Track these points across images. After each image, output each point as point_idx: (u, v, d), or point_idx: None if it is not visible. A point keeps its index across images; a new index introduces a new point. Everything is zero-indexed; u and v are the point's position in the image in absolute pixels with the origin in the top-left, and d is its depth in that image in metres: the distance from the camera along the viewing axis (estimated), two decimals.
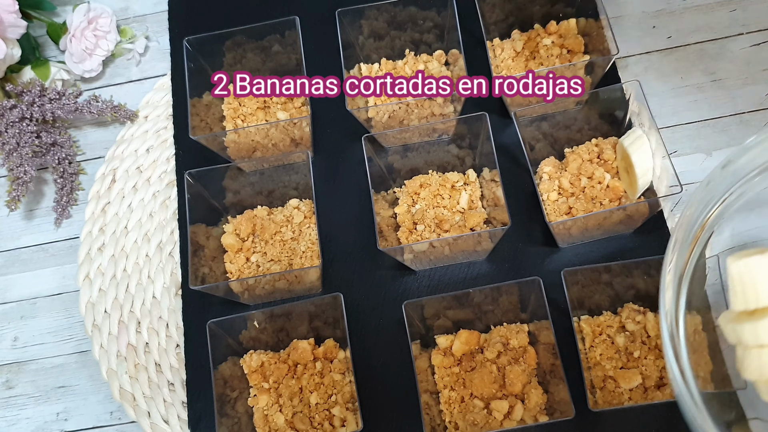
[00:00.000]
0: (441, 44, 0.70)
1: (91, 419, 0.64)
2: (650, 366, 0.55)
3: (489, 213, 0.62)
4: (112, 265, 0.68)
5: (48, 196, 0.74)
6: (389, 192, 0.65)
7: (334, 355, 0.60)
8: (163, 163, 0.72)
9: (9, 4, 0.68)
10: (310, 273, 0.61)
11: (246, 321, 0.59)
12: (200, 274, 0.60)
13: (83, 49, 0.74)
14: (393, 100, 0.67)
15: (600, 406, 0.54)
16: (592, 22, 0.66)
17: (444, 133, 0.66)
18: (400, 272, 0.64)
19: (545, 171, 0.63)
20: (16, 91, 0.72)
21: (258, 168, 0.67)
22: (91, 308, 0.67)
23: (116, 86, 0.78)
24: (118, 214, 0.70)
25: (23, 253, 0.71)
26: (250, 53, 0.70)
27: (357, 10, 0.67)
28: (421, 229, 0.62)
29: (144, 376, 0.64)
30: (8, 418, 0.65)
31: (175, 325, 0.65)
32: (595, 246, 0.63)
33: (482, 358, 0.57)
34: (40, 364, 0.67)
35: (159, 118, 0.74)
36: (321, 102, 0.71)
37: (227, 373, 0.59)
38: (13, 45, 0.71)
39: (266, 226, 0.64)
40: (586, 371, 0.55)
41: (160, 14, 0.80)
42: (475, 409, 0.55)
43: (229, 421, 0.57)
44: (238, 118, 0.69)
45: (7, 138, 0.69)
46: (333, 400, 0.58)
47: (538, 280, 0.55)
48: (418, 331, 0.58)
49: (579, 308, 0.59)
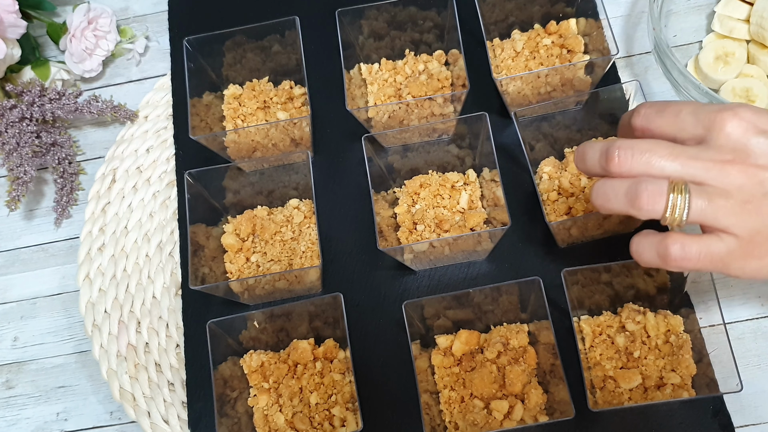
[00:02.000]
0: (441, 44, 0.70)
1: (91, 419, 0.64)
2: (650, 366, 0.55)
3: (489, 213, 0.62)
4: (112, 265, 0.68)
5: (48, 196, 0.74)
6: (389, 192, 0.65)
7: (334, 355, 0.60)
8: (163, 163, 0.72)
9: (9, 4, 0.68)
10: (310, 273, 0.61)
11: (246, 321, 0.59)
12: (200, 274, 0.60)
13: (83, 49, 0.74)
14: (393, 100, 0.67)
15: (600, 406, 0.54)
16: (592, 22, 0.66)
17: (444, 133, 0.66)
18: (400, 272, 0.64)
19: (545, 171, 0.63)
20: (16, 91, 0.72)
21: (258, 168, 0.67)
22: (91, 308, 0.67)
23: (116, 86, 0.78)
24: (118, 214, 0.70)
25: (23, 253, 0.71)
26: (250, 53, 0.70)
27: (357, 10, 0.67)
28: (421, 229, 0.62)
29: (144, 376, 0.64)
30: (8, 418, 0.65)
31: (175, 325, 0.65)
32: (595, 246, 0.63)
33: (482, 358, 0.57)
34: (40, 364, 0.67)
35: (159, 118, 0.74)
36: (321, 102, 0.71)
37: (227, 373, 0.59)
38: (13, 45, 0.71)
39: (266, 226, 0.64)
40: (586, 371, 0.55)
41: (160, 14, 0.80)
42: (475, 409, 0.55)
43: (229, 421, 0.57)
44: (238, 118, 0.69)
45: (7, 138, 0.69)
46: (333, 400, 0.58)
47: (538, 280, 0.55)
48: (418, 331, 0.58)
49: (579, 308, 0.59)
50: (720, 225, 0.43)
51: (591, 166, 0.46)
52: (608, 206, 0.45)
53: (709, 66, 0.65)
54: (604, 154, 0.45)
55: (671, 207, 0.42)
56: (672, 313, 0.58)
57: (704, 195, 0.42)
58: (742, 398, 0.57)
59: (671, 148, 0.43)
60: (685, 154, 0.43)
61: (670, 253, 0.43)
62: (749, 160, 0.42)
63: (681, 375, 0.55)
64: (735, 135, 0.43)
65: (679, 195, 0.42)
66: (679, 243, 0.43)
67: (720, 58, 0.64)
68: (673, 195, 0.42)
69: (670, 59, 0.62)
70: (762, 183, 0.42)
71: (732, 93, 0.63)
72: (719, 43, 0.66)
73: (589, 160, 0.46)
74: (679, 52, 0.69)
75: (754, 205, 0.42)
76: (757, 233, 0.43)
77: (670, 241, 0.43)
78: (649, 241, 0.45)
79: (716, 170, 0.42)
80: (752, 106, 0.44)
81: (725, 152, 0.43)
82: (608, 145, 0.45)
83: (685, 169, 0.43)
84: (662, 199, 0.42)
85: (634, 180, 0.44)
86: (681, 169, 0.43)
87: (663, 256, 0.44)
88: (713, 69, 0.64)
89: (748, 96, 0.63)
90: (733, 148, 0.43)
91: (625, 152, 0.44)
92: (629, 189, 0.44)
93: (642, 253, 0.45)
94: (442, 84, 0.67)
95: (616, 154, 0.44)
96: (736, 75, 0.64)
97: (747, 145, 0.43)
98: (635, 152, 0.43)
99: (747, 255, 0.44)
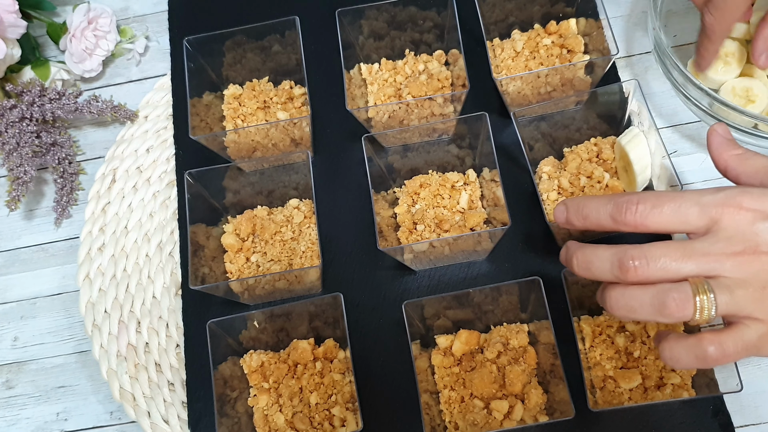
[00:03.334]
0: (441, 44, 0.70)
1: (91, 419, 0.64)
2: (650, 366, 0.55)
3: (489, 213, 0.62)
4: (112, 265, 0.68)
5: (48, 196, 0.74)
6: (389, 192, 0.65)
7: (334, 355, 0.60)
8: (163, 163, 0.72)
9: (9, 4, 0.68)
10: (310, 273, 0.61)
11: (246, 321, 0.59)
12: (200, 274, 0.60)
13: (83, 49, 0.74)
14: (393, 100, 0.67)
15: (600, 406, 0.54)
16: (592, 22, 0.66)
17: (444, 133, 0.66)
18: (400, 272, 0.64)
19: (545, 171, 0.63)
20: (16, 91, 0.72)
21: (258, 168, 0.67)
22: (91, 308, 0.67)
23: (116, 86, 0.78)
24: (118, 214, 0.70)
25: (23, 253, 0.71)
26: (250, 53, 0.70)
27: (357, 10, 0.67)
28: (421, 229, 0.62)
29: (144, 376, 0.64)
30: (8, 418, 0.65)
31: (175, 325, 0.65)
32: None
33: (482, 358, 0.57)
34: (40, 364, 0.67)
35: (159, 118, 0.74)
36: (321, 102, 0.71)
37: (227, 373, 0.59)
38: (13, 45, 0.71)
39: (266, 226, 0.64)
40: (586, 371, 0.55)
41: (160, 14, 0.80)
42: (475, 409, 0.55)
43: (229, 421, 0.57)
44: (238, 118, 0.69)
45: (7, 138, 0.69)
46: (333, 400, 0.58)
47: (538, 280, 0.55)
48: (418, 331, 0.58)
49: (579, 308, 0.59)
50: (744, 313, 0.43)
51: (600, 275, 0.46)
52: (633, 317, 0.45)
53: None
54: (617, 265, 0.45)
55: (699, 309, 0.43)
56: None
57: (725, 290, 0.43)
58: (742, 398, 0.57)
59: (683, 249, 0.44)
60: (698, 252, 0.44)
61: (709, 355, 0.44)
62: (760, 249, 0.43)
63: (681, 375, 0.55)
64: (742, 226, 0.43)
65: (705, 296, 0.43)
66: (716, 343, 0.44)
67: (720, 58, 0.64)
68: (699, 297, 0.43)
69: (670, 59, 0.62)
70: None
71: (732, 93, 0.63)
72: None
73: (597, 269, 0.46)
74: (679, 52, 0.69)
75: None
76: None
77: (706, 343, 0.44)
78: (684, 346, 0.45)
79: (730, 263, 0.43)
80: (753, 190, 0.45)
81: (735, 244, 0.43)
82: (619, 255, 0.45)
83: (701, 266, 0.43)
84: (690, 304, 0.43)
85: (657, 289, 0.44)
86: (696, 268, 0.43)
87: (702, 359, 0.44)
88: (713, 69, 0.64)
89: (748, 96, 0.63)
90: (743, 239, 0.43)
91: (641, 262, 0.44)
92: (654, 299, 0.44)
93: (679, 359, 0.45)
94: (442, 84, 0.67)
95: (631, 264, 0.44)
96: (736, 75, 0.64)
97: (755, 233, 0.43)
98: (650, 260, 0.44)
99: None
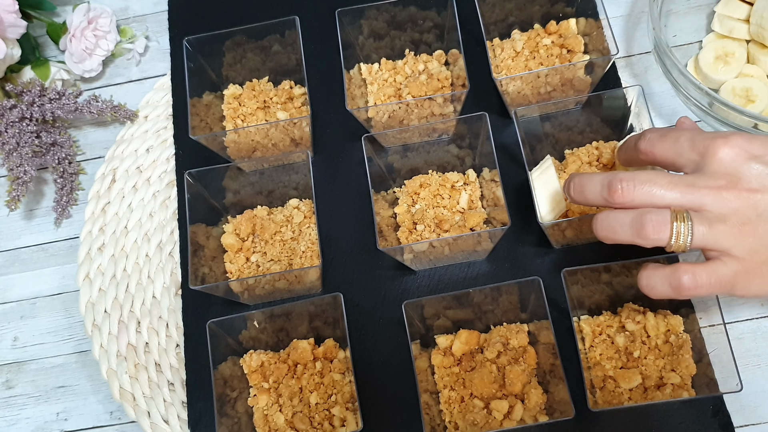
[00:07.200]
0: (441, 44, 0.70)
1: (91, 419, 0.64)
2: (650, 366, 0.55)
3: (489, 213, 0.62)
4: (112, 265, 0.68)
5: (48, 196, 0.74)
6: (389, 192, 0.65)
7: (334, 355, 0.60)
8: (163, 163, 0.72)
9: (9, 4, 0.68)
10: (310, 273, 0.61)
11: (246, 321, 0.59)
12: (200, 274, 0.60)
13: (83, 49, 0.74)
14: (393, 100, 0.67)
15: (600, 406, 0.54)
16: (592, 22, 0.66)
17: (444, 133, 0.66)
18: (400, 272, 0.64)
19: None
20: (16, 91, 0.72)
21: (258, 168, 0.67)
22: (91, 308, 0.67)
23: (116, 86, 0.78)
24: (118, 214, 0.70)
25: (23, 253, 0.71)
26: (250, 53, 0.70)
27: (357, 10, 0.67)
28: (421, 229, 0.62)
29: (144, 376, 0.64)
30: (8, 418, 0.65)
31: (175, 325, 0.65)
32: (595, 246, 0.63)
33: (482, 358, 0.57)
34: (40, 364, 0.67)
35: (159, 118, 0.74)
36: (321, 102, 0.71)
37: (227, 373, 0.59)
38: (13, 45, 0.71)
39: (266, 226, 0.64)
40: (586, 371, 0.55)
41: (160, 14, 0.80)
42: (475, 409, 0.55)
43: (229, 421, 0.57)
44: (238, 118, 0.69)
45: (7, 138, 0.69)
46: (333, 400, 0.58)
47: (538, 280, 0.55)
48: (418, 331, 0.58)
49: (579, 308, 0.59)
50: (721, 248, 0.45)
51: (592, 198, 0.48)
52: (614, 237, 0.47)
53: (709, 66, 0.65)
54: (606, 186, 0.47)
55: (675, 235, 0.45)
56: (672, 312, 0.58)
57: (705, 221, 0.45)
58: (742, 398, 0.57)
59: (669, 178, 0.46)
60: (683, 182, 0.46)
61: (682, 284, 0.46)
62: (741, 185, 0.45)
63: (681, 375, 0.55)
64: (727, 161, 0.45)
65: (682, 223, 0.45)
66: (690, 273, 0.46)
67: (720, 58, 0.64)
68: (676, 223, 0.45)
69: (670, 59, 0.62)
70: (755, 205, 0.45)
71: (732, 93, 0.63)
72: (719, 43, 0.66)
73: (590, 192, 0.48)
74: (679, 52, 0.69)
75: (750, 227, 0.45)
76: (755, 253, 0.45)
77: (681, 272, 0.46)
78: (659, 274, 0.47)
79: (712, 196, 0.45)
80: (745, 133, 0.47)
81: (719, 178, 0.45)
82: (609, 177, 0.47)
83: (684, 196, 0.45)
84: (666, 228, 0.45)
85: (638, 211, 0.46)
86: (680, 197, 0.45)
87: (676, 287, 0.46)
88: (713, 69, 0.64)
89: (748, 96, 0.63)
90: (726, 173, 0.45)
91: (628, 184, 0.46)
92: (634, 220, 0.46)
93: (654, 286, 0.47)
94: (442, 84, 0.67)
95: (619, 186, 0.46)
96: (736, 75, 0.64)
97: (738, 170, 0.45)
98: (637, 183, 0.46)
99: (750, 275, 0.46)
